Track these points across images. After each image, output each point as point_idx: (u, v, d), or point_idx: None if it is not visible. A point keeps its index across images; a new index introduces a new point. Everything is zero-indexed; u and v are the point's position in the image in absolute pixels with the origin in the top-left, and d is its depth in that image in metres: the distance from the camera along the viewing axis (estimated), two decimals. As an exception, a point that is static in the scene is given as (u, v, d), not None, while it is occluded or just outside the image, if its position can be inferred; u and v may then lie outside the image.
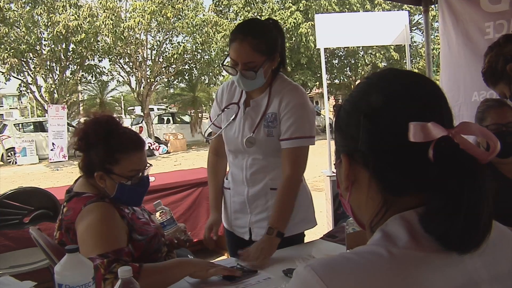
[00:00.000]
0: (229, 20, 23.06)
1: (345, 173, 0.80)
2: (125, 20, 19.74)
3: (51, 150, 16.24)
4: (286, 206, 1.92)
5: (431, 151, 0.67)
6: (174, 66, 21.62)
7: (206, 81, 23.54)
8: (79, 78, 20.86)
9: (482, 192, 0.67)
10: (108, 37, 19.15)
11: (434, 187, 0.68)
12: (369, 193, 0.77)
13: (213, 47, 21.43)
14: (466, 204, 0.66)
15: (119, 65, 21.82)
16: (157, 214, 2.01)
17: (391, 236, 0.70)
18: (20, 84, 20.28)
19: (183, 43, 21.61)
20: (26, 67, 19.49)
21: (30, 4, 18.18)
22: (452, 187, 0.67)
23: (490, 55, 1.70)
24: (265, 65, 1.88)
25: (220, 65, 2.05)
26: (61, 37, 18.18)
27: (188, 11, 20.48)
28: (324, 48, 4.75)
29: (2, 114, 44.69)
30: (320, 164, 6.67)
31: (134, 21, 18.96)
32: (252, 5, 23.35)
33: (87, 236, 1.61)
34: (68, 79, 20.39)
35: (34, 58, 19.23)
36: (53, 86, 19.59)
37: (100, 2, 18.90)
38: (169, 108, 26.92)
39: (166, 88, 26.24)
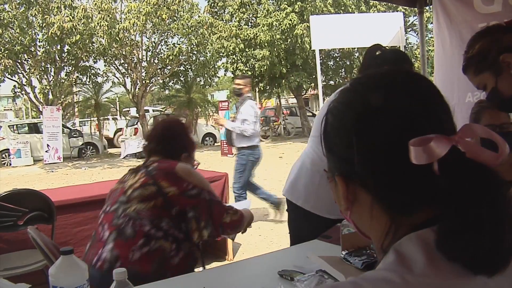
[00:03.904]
0: (224, 21, 23.06)
1: (343, 195, 0.73)
2: (120, 21, 19.68)
3: (46, 151, 16.18)
4: None
5: (436, 165, 0.61)
6: (169, 67, 21.59)
7: (202, 83, 23.50)
8: (74, 79, 20.77)
9: (500, 201, 0.60)
10: (103, 38, 19.07)
11: (445, 202, 0.61)
12: (373, 213, 0.70)
13: (208, 48, 21.41)
14: (487, 218, 0.58)
15: (114, 67, 21.75)
16: None
17: (406, 259, 0.62)
18: (14, 86, 20.18)
19: (179, 44, 21.57)
20: (21, 68, 19.39)
21: (24, 5, 18.08)
22: (464, 200, 0.59)
23: (483, 41, 1.61)
24: None
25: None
26: (55, 38, 18.08)
27: (183, 12, 20.44)
28: (319, 50, 4.77)
29: (-4, 116, 44.46)
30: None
31: (129, 22, 18.90)
32: (248, 6, 23.35)
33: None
34: (63, 81, 20.30)
35: (29, 59, 19.14)
36: (48, 87, 19.50)
37: (95, 4, 18.83)
38: (165, 109, 26.87)
39: (161, 90, 26.19)
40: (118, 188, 2.14)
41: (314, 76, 22.55)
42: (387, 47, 2.34)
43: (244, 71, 22.43)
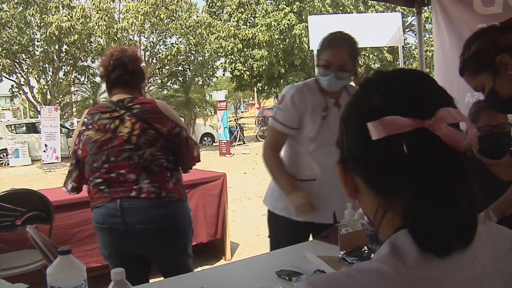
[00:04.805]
0: (222, 21, 23.07)
1: (341, 180, 0.78)
2: (119, 21, 19.69)
3: (44, 151, 16.15)
4: None
5: (405, 145, 0.64)
6: (167, 67, 21.61)
7: (200, 83, 23.51)
8: (72, 79, 20.76)
9: (461, 181, 0.65)
10: (101, 38, 19.09)
11: (413, 183, 0.64)
12: (369, 199, 0.73)
13: (206, 48, 21.43)
14: (442, 196, 0.63)
15: (112, 66, 21.73)
16: None
17: (400, 251, 0.64)
18: (12, 85, 20.17)
19: (177, 44, 21.59)
20: (19, 68, 19.38)
21: (22, 5, 18.08)
22: (425, 179, 0.63)
23: (480, 42, 1.60)
24: (352, 70, 2.22)
25: (316, 65, 2.23)
26: (54, 38, 18.09)
27: (181, 12, 20.46)
28: (318, 50, 4.77)
29: (-6, 115, 44.42)
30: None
31: (127, 22, 18.92)
32: (246, 6, 23.38)
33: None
34: (61, 80, 20.29)
35: (27, 59, 19.14)
36: (46, 87, 19.50)
37: (93, 3, 18.84)
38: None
39: (160, 90, 26.19)
40: (107, 139, 2.19)
41: (312, 76, 22.56)
42: (385, 47, 2.40)
43: (242, 71, 22.44)
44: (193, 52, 21.71)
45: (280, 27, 21.67)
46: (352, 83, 2.42)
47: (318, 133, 2.27)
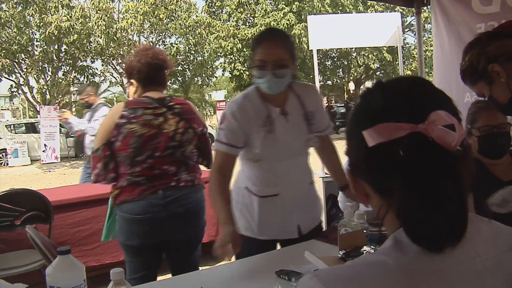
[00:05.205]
0: (222, 21, 23.07)
1: (351, 186, 0.82)
2: (118, 21, 19.68)
3: (43, 151, 16.10)
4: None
5: (400, 149, 0.68)
6: (167, 67, 21.58)
7: (199, 82, 23.53)
8: (71, 79, 20.76)
9: (450, 181, 0.68)
10: (100, 38, 19.08)
11: (407, 184, 0.68)
12: (376, 202, 0.77)
13: (206, 48, 21.43)
14: (431, 193, 0.67)
15: (111, 66, 21.76)
16: None
17: (401, 245, 0.69)
18: (11, 85, 20.16)
19: (176, 44, 21.60)
20: (18, 68, 19.38)
21: (21, 5, 18.07)
22: (418, 181, 0.67)
23: (472, 53, 1.65)
24: (291, 65, 1.99)
25: (250, 66, 2.19)
26: (53, 38, 18.09)
27: (181, 12, 20.47)
28: (317, 50, 4.76)
29: (-6, 115, 44.39)
30: (313, 165, 6.66)
31: (126, 22, 18.91)
32: (245, 6, 23.37)
33: None
34: (60, 80, 20.29)
35: (26, 59, 19.13)
36: (45, 87, 19.50)
37: (93, 3, 18.83)
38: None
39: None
40: (152, 134, 2.32)
41: (312, 76, 22.56)
42: (385, 47, 2.35)
43: (242, 71, 22.44)
44: (193, 52, 21.72)
45: (279, 27, 21.66)
46: (300, 81, 2.20)
47: (266, 148, 2.04)
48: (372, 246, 1.72)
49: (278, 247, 2.18)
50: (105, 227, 2.56)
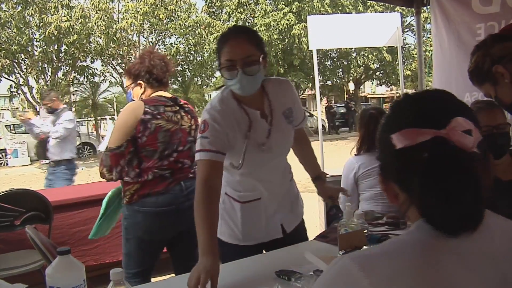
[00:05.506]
0: (221, 21, 23.06)
1: (382, 189, 0.91)
2: (118, 21, 19.68)
3: (43, 151, 16.13)
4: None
5: (425, 152, 0.78)
6: (167, 67, 21.58)
7: (199, 83, 23.52)
8: (71, 79, 20.77)
9: (467, 180, 0.77)
10: (100, 38, 19.08)
11: (428, 185, 0.78)
12: (403, 199, 0.85)
13: (205, 48, 21.42)
14: (451, 188, 0.76)
15: (111, 66, 21.75)
16: None
17: (424, 228, 0.79)
18: (11, 85, 20.15)
19: (176, 44, 21.60)
20: (18, 68, 19.37)
21: (21, 5, 18.07)
22: (437, 180, 0.77)
23: (477, 55, 1.72)
24: (262, 61, 1.83)
25: (218, 69, 2.07)
26: (53, 38, 18.09)
27: (180, 12, 20.47)
28: (317, 50, 4.77)
29: (-7, 115, 44.36)
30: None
31: (126, 22, 18.91)
32: (245, 6, 23.35)
33: None
34: (60, 80, 20.29)
35: (26, 59, 19.13)
36: (45, 87, 19.48)
37: (93, 3, 18.83)
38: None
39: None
40: (176, 129, 2.51)
41: (311, 76, 22.58)
42: (384, 47, 2.33)
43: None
44: (192, 52, 21.71)
45: (279, 27, 21.64)
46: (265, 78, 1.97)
47: (250, 159, 1.92)
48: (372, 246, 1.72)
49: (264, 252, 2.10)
50: (96, 225, 2.61)
